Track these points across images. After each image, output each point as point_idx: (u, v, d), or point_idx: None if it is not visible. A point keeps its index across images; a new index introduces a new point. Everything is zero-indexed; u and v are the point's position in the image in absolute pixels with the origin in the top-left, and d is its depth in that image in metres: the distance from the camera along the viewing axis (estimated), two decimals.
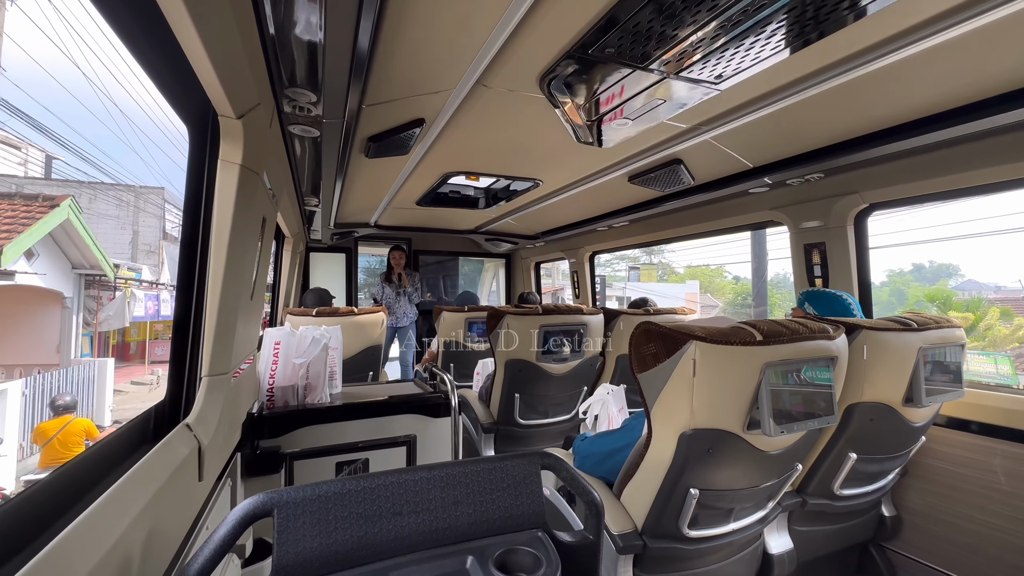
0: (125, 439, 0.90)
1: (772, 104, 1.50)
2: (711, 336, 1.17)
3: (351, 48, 1.13)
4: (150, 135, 18.83)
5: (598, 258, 4.60)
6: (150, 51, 0.84)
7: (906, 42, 1.14)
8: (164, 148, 33.95)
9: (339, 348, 2.03)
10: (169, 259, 12.88)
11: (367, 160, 2.12)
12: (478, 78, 1.39)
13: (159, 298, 11.59)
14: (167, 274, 12.47)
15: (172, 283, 11.95)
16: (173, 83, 0.93)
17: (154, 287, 11.69)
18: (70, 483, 0.70)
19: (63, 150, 11.02)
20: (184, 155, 1.08)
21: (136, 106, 10.03)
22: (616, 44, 1.19)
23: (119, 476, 0.73)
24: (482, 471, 0.81)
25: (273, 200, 1.61)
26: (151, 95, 6.38)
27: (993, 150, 1.64)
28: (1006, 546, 1.62)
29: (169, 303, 11.67)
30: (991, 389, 1.76)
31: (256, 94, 1.10)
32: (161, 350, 13.49)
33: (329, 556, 0.68)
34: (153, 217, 13.13)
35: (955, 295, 10.09)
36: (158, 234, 13.09)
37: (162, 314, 11.68)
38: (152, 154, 44.64)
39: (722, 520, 1.37)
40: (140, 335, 12.93)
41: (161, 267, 12.57)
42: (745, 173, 2.17)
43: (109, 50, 10.31)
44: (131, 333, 12.83)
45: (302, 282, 4.67)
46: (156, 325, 12.99)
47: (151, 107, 9.35)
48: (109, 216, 12.23)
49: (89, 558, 0.57)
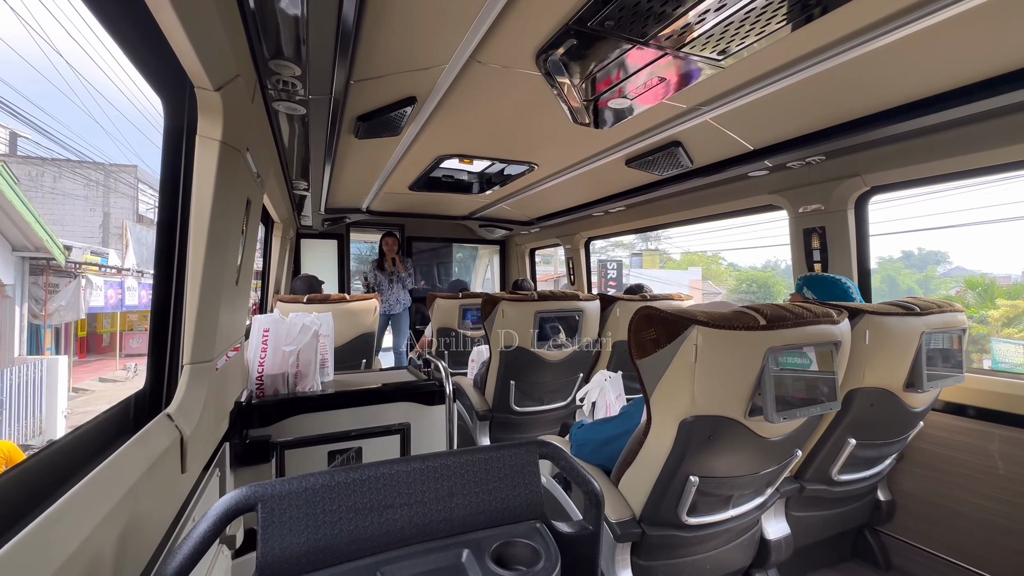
0: (101, 430, 0.85)
1: (774, 83, 1.46)
2: (714, 321, 1.14)
3: (336, 18, 1.07)
4: (123, 111, 17.99)
5: (594, 244, 4.56)
6: (120, 19, 0.78)
7: (909, 19, 1.11)
8: (138, 124, 32.80)
9: (330, 335, 1.99)
10: (136, 241, 11.54)
11: (357, 141, 2.05)
12: (471, 53, 1.33)
13: (123, 285, 10.35)
14: (132, 258, 11.14)
15: (138, 268, 11.10)
16: (144, 52, 0.87)
17: (119, 273, 10.47)
18: (39, 477, 0.66)
19: (28, 127, 10.32)
20: (159, 131, 1.02)
21: (107, 79, 9.47)
22: (616, 16, 1.13)
23: (93, 469, 0.68)
24: (478, 461, 0.77)
25: (258, 181, 1.54)
26: (122, 66, 6.03)
27: (997, 131, 1.61)
28: (1001, 529, 1.63)
29: (135, 291, 10.72)
30: (989, 374, 1.76)
31: (235, 65, 1.04)
32: (137, 342, 12.68)
33: (317, 551, 0.65)
34: (126, 198, 12.31)
35: (993, 282, 9.93)
36: (131, 216, 12.23)
37: (127, 303, 10.50)
38: (124, 132, 42.93)
39: (721, 507, 1.36)
40: (112, 326, 11.93)
41: (125, 250, 11.16)
42: (745, 156, 2.13)
43: (76, 18, 9.74)
44: (103, 324, 12.02)
45: (293, 269, 4.60)
46: (130, 315, 12.14)
47: (123, 80, 8.77)
48: (76, 196, 11.38)
49: (54, 557, 0.54)
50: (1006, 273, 17.44)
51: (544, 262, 14.46)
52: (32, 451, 5.92)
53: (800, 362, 1.21)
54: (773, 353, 1.14)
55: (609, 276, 14.08)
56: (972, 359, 3.99)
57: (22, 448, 4.58)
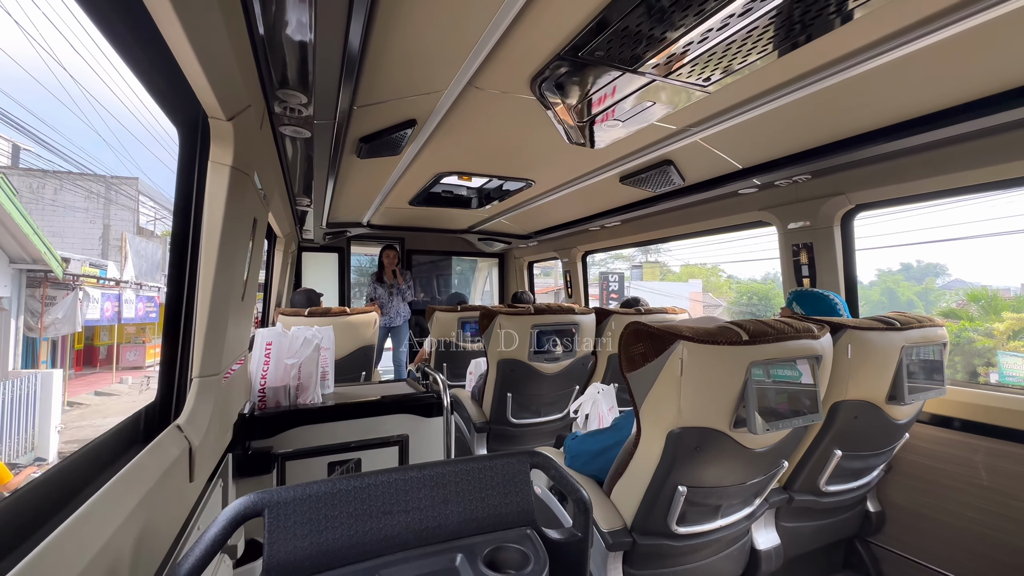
0: (115, 441, 0.90)
1: (760, 106, 1.52)
2: (698, 336, 1.19)
3: (342, 50, 1.14)
4: (131, 130, 17.97)
5: (594, 256, 4.62)
6: (140, 55, 0.84)
7: (891, 46, 1.16)
8: (141, 138, 32.67)
9: (331, 348, 2.03)
10: (135, 253, 11.40)
11: (359, 160, 2.12)
12: (469, 79, 1.39)
13: (120, 298, 10.22)
14: (131, 270, 11.04)
15: (137, 280, 11.08)
16: (163, 87, 0.94)
17: (118, 285, 10.39)
18: (59, 486, 0.70)
19: (38, 145, 10.19)
20: (172, 155, 1.08)
21: (118, 102, 9.46)
22: (606, 47, 1.20)
23: (109, 478, 0.73)
24: (472, 470, 0.82)
25: (264, 201, 1.61)
26: (139, 97, 6.17)
27: (976, 152, 1.68)
28: (987, 540, 1.66)
29: (133, 304, 10.67)
30: (972, 387, 1.80)
31: (246, 96, 1.10)
32: (134, 355, 12.43)
33: (319, 555, 0.69)
34: (127, 210, 12.21)
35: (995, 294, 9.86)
36: (131, 228, 12.11)
37: (124, 316, 10.34)
38: (127, 144, 42.63)
39: (710, 517, 1.39)
40: (110, 339, 11.77)
41: (124, 262, 11.02)
42: (735, 174, 2.20)
43: (100, 55, 9.91)
44: (100, 336, 11.79)
45: (294, 282, 4.65)
46: (128, 327, 11.87)
47: (136, 105, 8.91)
48: (77, 208, 11.38)
49: (79, 560, 0.58)
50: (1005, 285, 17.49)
51: (544, 274, 14.43)
52: (18, 469, 5.60)
53: (786, 375, 1.26)
54: (755, 367, 1.19)
55: (611, 289, 14.03)
56: (979, 373, 3.99)
57: (9, 467, 4.39)
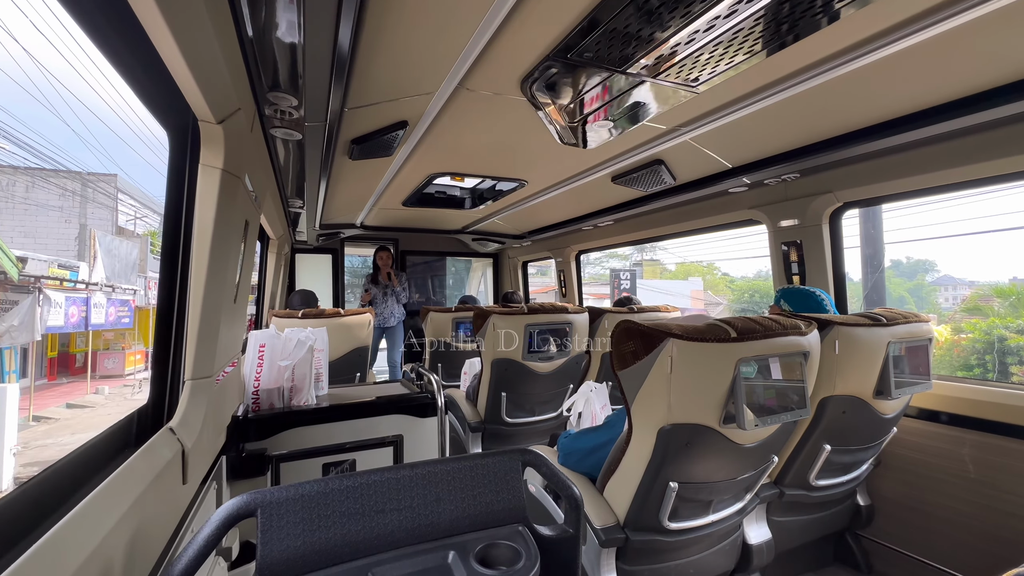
0: (107, 444, 0.90)
1: (749, 106, 1.54)
2: (687, 334, 1.21)
3: (331, 52, 1.14)
4: (104, 119, 17.18)
5: (586, 257, 4.64)
6: (129, 60, 0.84)
7: (876, 46, 1.18)
8: (120, 133, 30.98)
9: (325, 350, 2.03)
10: (106, 253, 10.37)
11: (351, 162, 2.12)
12: (460, 81, 1.40)
13: (88, 302, 9.19)
14: (101, 271, 10.05)
15: (107, 283, 10.14)
16: (153, 91, 0.94)
17: (87, 288, 9.47)
18: (50, 490, 0.70)
19: (8, 141, 9.67)
20: (155, 153, 1.06)
21: (97, 98, 8.95)
22: (595, 48, 1.22)
23: (101, 481, 0.73)
24: (464, 468, 0.83)
25: (256, 203, 1.61)
26: (127, 101, 6.04)
27: (959, 151, 1.71)
28: (973, 531, 1.69)
29: (103, 308, 9.80)
30: (958, 381, 1.83)
31: (236, 99, 1.11)
32: (112, 362, 11.69)
33: (312, 554, 0.69)
34: (104, 208, 11.49)
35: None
36: (111, 227, 11.40)
37: (93, 322, 9.32)
38: (105, 141, 41.31)
39: (701, 512, 1.41)
40: (87, 345, 10.91)
41: (93, 262, 9.98)
42: (724, 173, 2.22)
43: (84, 57, 9.43)
44: (76, 343, 11.03)
45: (288, 284, 4.64)
46: (106, 334, 11.15)
47: (117, 102, 8.42)
48: (51, 207, 10.66)
49: (70, 563, 0.58)
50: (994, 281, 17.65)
51: (540, 273, 14.36)
52: None
53: (771, 371, 1.28)
54: (743, 364, 1.21)
55: (623, 287, 13.67)
56: (1011, 372, 3.99)
57: None
